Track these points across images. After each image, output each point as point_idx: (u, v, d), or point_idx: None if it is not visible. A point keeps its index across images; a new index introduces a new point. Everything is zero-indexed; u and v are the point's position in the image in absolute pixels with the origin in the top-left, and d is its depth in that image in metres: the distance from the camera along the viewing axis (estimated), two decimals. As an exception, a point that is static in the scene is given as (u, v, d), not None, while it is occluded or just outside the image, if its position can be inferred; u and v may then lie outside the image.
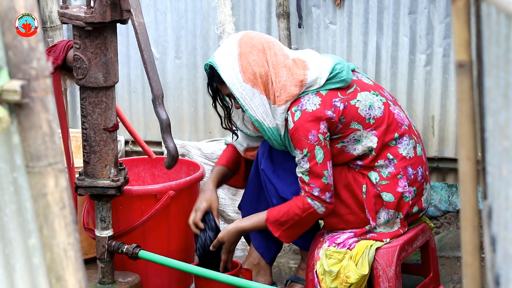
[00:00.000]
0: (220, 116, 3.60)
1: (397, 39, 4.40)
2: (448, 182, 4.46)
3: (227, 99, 3.57)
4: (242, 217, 3.77)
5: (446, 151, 4.44)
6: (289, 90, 3.33)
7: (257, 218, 3.49)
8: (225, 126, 3.61)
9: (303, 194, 3.36)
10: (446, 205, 4.42)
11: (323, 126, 3.30)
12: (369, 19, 4.42)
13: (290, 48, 4.37)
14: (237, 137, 3.68)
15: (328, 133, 3.33)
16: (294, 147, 3.35)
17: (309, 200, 3.34)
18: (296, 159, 3.36)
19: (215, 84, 3.47)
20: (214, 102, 3.55)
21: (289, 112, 3.34)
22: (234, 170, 3.74)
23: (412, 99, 4.43)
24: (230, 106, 3.59)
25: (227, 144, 3.82)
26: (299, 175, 3.36)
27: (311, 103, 3.32)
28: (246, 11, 4.62)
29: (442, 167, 4.46)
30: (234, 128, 3.63)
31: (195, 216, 3.54)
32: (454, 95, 4.32)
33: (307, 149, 3.30)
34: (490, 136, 1.72)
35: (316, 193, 3.33)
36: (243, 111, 3.44)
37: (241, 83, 3.34)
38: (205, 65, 3.44)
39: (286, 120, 3.35)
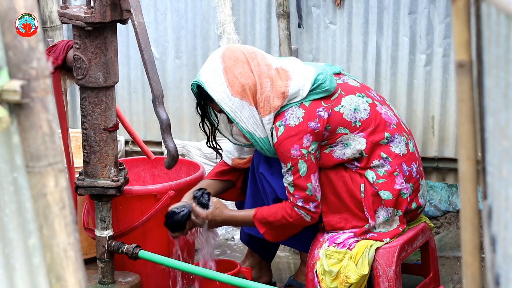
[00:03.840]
0: (207, 135, 3.59)
1: (397, 39, 4.40)
2: (448, 182, 4.46)
3: (215, 118, 3.57)
4: (243, 227, 3.78)
5: (446, 151, 4.44)
6: (272, 102, 3.34)
7: (245, 213, 3.51)
8: (209, 145, 3.61)
9: (289, 201, 3.39)
10: (446, 205, 4.42)
11: (306, 140, 3.31)
12: (369, 19, 4.42)
13: (290, 48, 4.37)
14: (221, 157, 3.68)
15: (314, 146, 3.33)
16: (280, 160, 3.38)
17: (295, 209, 3.37)
18: (282, 171, 3.39)
19: (204, 102, 3.48)
20: (202, 121, 3.55)
21: (273, 126, 3.35)
22: (222, 178, 3.73)
23: (412, 99, 4.43)
24: (217, 125, 3.58)
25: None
26: (285, 185, 3.39)
27: (295, 116, 3.33)
28: (246, 11, 4.62)
29: (442, 167, 4.46)
30: (218, 148, 3.63)
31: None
32: (454, 95, 4.32)
33: (290, 163, 3.34)
34: (490, 136, 1.72)
35: (299, 203, 3.37)
36: (232, 123, 3.45)
37: (230, 97, 3.34)
38: (191, 85, 3.44)
39: (272, 132, 3.37)
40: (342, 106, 3.38)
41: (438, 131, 4.42)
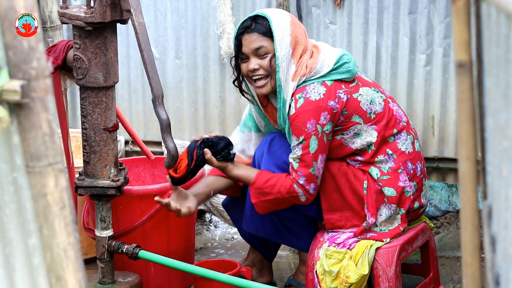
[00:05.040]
0: (237, 71, 3.50)
1: (397, 39, 4.40)
2: (448, 182, 4.46)
3: (242, 64, 3.47)
4: (243, 225, 3.76)
5: (446, 151, 4.44)
6: (302, 70, 3.38)
7: (247, 174, 3.49)
8: (237, 85, 3.56)
9: (290, 178, 3.39)
10: (446, 205, 4.42)
11: (323, 118, 3.33)
12: (369, 19, 4.42)
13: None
14: (247, 97, 3.61)
15: (329, 126, 3.34)
16: (292, 133, 3.37)
17: (295, 185, 3.38)
18: (291, 145, 3.39)
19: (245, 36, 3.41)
20: (236, 56, 3.47)
21: (293, 98, 3.36)
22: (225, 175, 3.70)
23: (412, 99, 4.43)
24: (241, 79, 3.52)
25: None
26: (290, 160, 3.39)
27: (316, 92, 3.35)
28: (246, 11, 4.62)
29: (442, 167, 4.46)
30: (244, 91, 3.57)
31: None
32: (454, 95, 4.32)
33: (303, 136, 3.34)
34: (490, 136, 1.72)
35: (301, 181, 3.37)
36: (267, 76, 3.40)
37: (287, 45, 3.38)
38: (247, 17, 3.44)
39: (290, 105, 3.38)
40: (360, 94, 3.42)
41: (438, 131, 4.42)
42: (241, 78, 3.55)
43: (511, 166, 1.58)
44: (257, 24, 3.41)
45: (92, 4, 3.22)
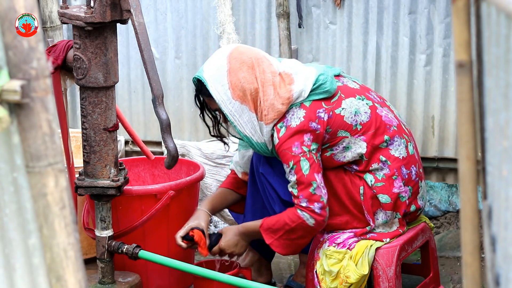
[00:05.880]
0: (207, 126, 3.58)
1: (397, 39, 4.40)
2: (448, 182, 4.46)
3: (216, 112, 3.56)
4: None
5: (446, 151, 4.44)
6: (277, 108, 3.32)
7: (254, 224, 3.50)
8: (213, 134, 3.60)
9: (294, 206, 3.36)
10: (446, 205, 4.42)
11: (306, 139, 3.29)
12: (369, 19, 4.42)
13: (290, 48, 4.37)
14: (227, 146, 3.66)
15: (315, 146, 3.31)
16: (282, 162, 3.35)
17: (298, 211, 3.31)
18: (285, 175, 3.36)
19: (202, 98, 3.47)
20: (202, 112, 3.53)
21: (274, 128, 3.34)
22: (238, 191, 3.73)
23: (412, 99, 4.43)
24: (219, 117, 3.57)
25: (231, 170, 3.80)
26: (290, 189, 3.34)
27: (296, 117, 3.31)
28: (246, 11, 4.62)
29: (442, 167, 4.46)
30: (222, 136, 3.63)
31: (178, 232, 3.55)
32: (454, 95, 4.32)
33: (292, 161, 3.30)
34: (490, 136, 1.72)
35: (303, 204, 3.30)
36: (230, 124, 3.45)
37: (230, 99, 3.34)
38: (193, 78, 3.44)
39: (272, 136, 3.36)
40: (342, 108, 3.37)
41: (438, 131, 4.42)
42: (219, 122, 3.57)
43: (511, 166, 1.58)
44: (202, 88, 3.40)
45: (92, 4, 3.22)
